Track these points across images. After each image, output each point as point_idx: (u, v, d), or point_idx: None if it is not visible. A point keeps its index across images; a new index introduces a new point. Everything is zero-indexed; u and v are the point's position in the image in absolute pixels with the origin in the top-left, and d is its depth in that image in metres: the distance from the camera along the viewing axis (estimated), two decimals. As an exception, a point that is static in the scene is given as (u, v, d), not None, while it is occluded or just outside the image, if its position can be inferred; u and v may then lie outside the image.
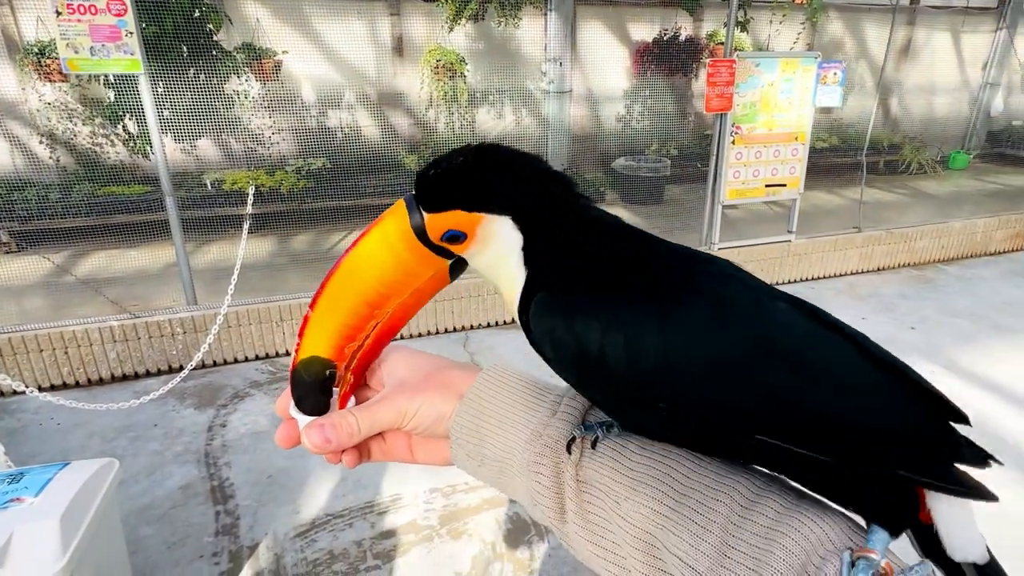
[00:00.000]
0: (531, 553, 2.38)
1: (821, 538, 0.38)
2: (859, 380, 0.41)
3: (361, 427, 0.52)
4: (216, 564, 2.33)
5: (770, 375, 0.40)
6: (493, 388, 0.53)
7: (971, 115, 8.85)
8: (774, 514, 0.40)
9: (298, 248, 5.46)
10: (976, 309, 4.68)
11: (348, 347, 0.53)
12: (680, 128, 7.61)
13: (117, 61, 3.12)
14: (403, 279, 0.51)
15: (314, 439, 0.51)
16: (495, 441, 0.51)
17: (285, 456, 2.93)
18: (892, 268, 5.57)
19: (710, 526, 0.40)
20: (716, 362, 0.40)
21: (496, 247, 0.49)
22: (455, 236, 0.48)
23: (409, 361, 0.57)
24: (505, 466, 0.51)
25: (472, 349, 4.07)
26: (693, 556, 0.40)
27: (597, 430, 0.48)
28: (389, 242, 0.49)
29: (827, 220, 5.85)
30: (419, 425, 0.53)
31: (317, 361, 0.51)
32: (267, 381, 3.65)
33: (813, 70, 4.56)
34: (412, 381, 0.55)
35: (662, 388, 0.41)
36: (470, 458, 0.53)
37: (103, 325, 3.51)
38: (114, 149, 5.67)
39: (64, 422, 3.19)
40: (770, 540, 0.38)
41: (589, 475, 0.47)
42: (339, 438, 0.51)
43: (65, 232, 5.19)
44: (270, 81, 5.82)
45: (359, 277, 0.51)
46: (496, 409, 0.52)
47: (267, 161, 5.90)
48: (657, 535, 0.42)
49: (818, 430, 0.39)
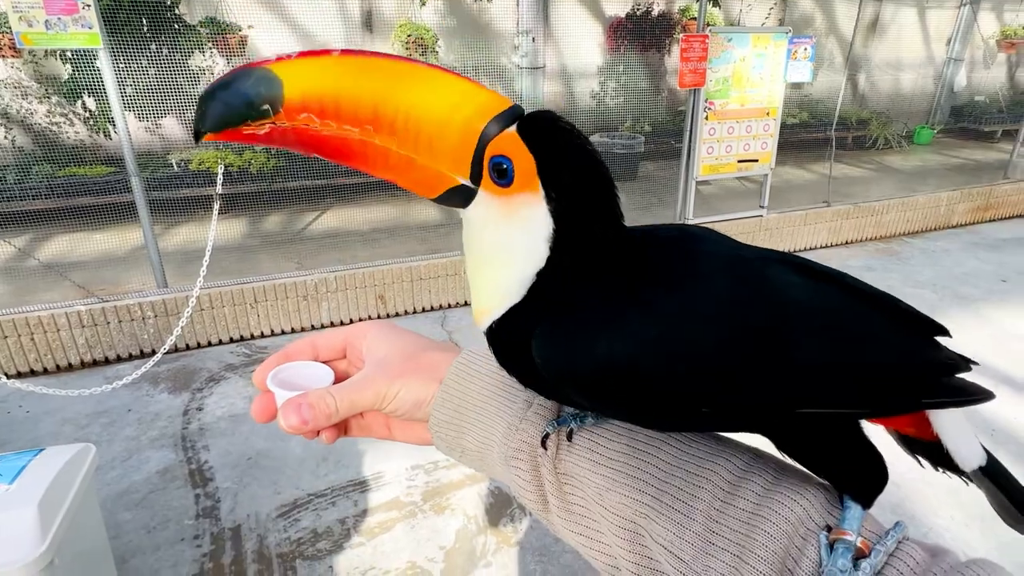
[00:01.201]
0: (514, 526, 2.42)
1: (801, 517, 0.39)
2: (874, 328, 0.42)
3: (339, 408, 0.51)
4: (198, 546, 2.32)
5: (804, 344, 0.40)
6: (468, 378, 0.53)
7: (935, 90, 9.04)
8: (756, 497, 0.40)
9: (269, 229, 5.37)
10: (939, 280, 4.83)
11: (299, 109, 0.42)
12: (654, 104, 7.62)
13: (74, 35, 2.99)
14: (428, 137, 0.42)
15: (291, 420, 0.50)
16: (473, 435, 0.51)
17: (264, 438, 2.92)
18: (860, 241, 5.71)
19: (693, 514, 0.41)
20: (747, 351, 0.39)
21: (517, 223, 0.42)
22: (502, 170, 0.41)
23: (390, 340, 0.56)
24: (485, 457, 0.52)
25: (450, 327, 4.07)
26: (678, 545, 0.40)
27: (571, 422, 0.48)
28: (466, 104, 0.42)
29: (797, 195, 5.95)
30: (398, 409, 0.52)
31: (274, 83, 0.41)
32: (242, 364, 3.60)
33: (784, 45, 4.60)
34: (392, 362, 0.54)
35: (701, 392, 0.39)
36: (451, 449, 0.53)
37: (70, 310, 3.42)
38: (73, 129, 5.47)
39: (33, 409, 3.11)
40: (752, 526, 0.39)
41: (568, 467, 0.47)
42: (316, 419, 0.50)
43: (25, 215, 5.01)
44: (235, 57, 5.65)
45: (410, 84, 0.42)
46: (472, 402, 0.51)
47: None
48: (641, 524, 0.42)
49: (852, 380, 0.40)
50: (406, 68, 0.42)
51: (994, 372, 3.50)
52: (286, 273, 3.98)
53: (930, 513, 2.47)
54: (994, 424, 3.02)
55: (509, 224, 0.42)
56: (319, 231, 5.30)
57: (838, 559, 0.36)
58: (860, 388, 0.40)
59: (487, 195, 0.43)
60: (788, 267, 0.44)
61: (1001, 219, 6.38)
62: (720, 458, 0.43)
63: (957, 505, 2.48)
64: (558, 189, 0.41)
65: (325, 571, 2.22)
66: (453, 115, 0.42)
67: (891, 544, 0.38)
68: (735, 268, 0.43)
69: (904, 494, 2.53)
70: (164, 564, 2.25)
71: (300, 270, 4.10)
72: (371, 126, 0.43)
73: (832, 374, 0.40)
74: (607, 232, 0.42)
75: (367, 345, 0.57)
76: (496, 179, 0.42)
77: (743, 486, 0.41)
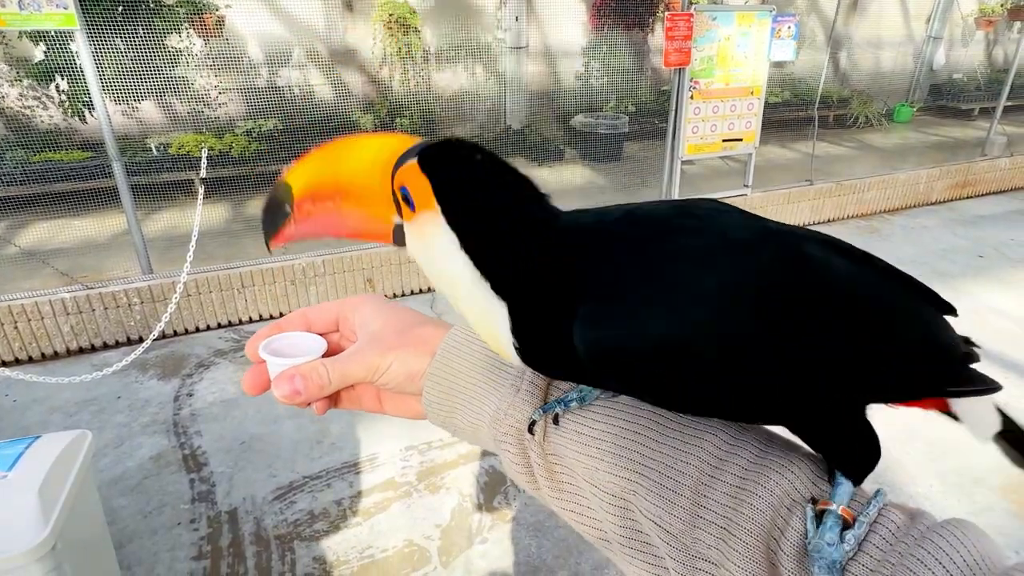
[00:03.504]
0: (508, 503, 2.47)
1: (787, 490, 0.40)
2: (915, 315, 0.44)
3: (332, 379, 0.52)
4: (195, 530, 2.34)
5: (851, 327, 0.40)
6: (458, 356, 0.53)
7: (915, 69, 9.12)
8: (741, 471, 0.41)
9: (253, 213, 5.31)
10: (919, 256, 4.93)
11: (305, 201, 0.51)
12: (638, 84, 7.60)
13: (50, 16, 2.92)
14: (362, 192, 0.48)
15: (284, 390, 0.51)
16: (464, 415, 0.52)
17: (257, 423, 2.92)
18: (842, 219, 5.79)
19: (680, 489, 0.42)
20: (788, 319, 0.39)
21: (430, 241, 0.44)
22: (407, 197, 0.44)
23: (383, 315, 0.57)
24: (477, 434, 0.53)
25: (439, 310, 4.08)
26: (667, 520, 0.41)
27: (557, 407, 0.48)
28: (381, 155, 0.47)
29: (780, 173, 6.01)
30: (390, 381, 0.53)
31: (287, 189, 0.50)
32: (231, 349, 3.59)
33: (768, 24, 4.61)
34: (385, 336, 0.54)
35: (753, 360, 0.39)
36: (445, 425, 0.54)
37: (54, 297, 3.37)
38: (47, 112, 5.34)
39: (21, 398, 3.08)
40: (739, 500, 0.40)
41: (556, 449, 0.48)
42: (309, 390, 0.51)
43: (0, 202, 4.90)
44: (213, 37, 5.53)
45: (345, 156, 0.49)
46: (462, 382, 0.52)
47: (215, 123, 5.66)
48: (630, 500, 0.43)
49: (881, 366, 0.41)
50: (344, 143, 0.49)
51: (971, 345, 3.60)
52: (273, 258, 3.95)
53: (909, 482, 2.56)
54: (971, 395, 3.11)
55: (426, 245, 0.45)
56: (304, 215, 5.25)
57: (826, 532, 0.37)
58: (899, 375, 0.42)
59: (407, 225, 0.46)
60: (826, 246, 0.44)
61: (978, 196, 6.50)
62: (707, 432, 0.43)
63: (936, 474, 2.57)
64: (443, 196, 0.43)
65: (323, 552, 2.25)
66: (375, 167, 0.47)
67: (873, 513, 0.39)
68: (770, 245, 0.41)
69: (884, 464, 2.60)
70: (162, 548, 2.26)
71: (287, 254, 4.07)
72: (337, 197, 0.49)
73: (879, 359, 0.40)
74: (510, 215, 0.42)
75: (360, 318, 0.57)
76: (407, 205, 0.45)
77: (729, 460, 0.42)
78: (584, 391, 0.49)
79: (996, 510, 2.44)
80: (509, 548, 2.27)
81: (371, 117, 6.11)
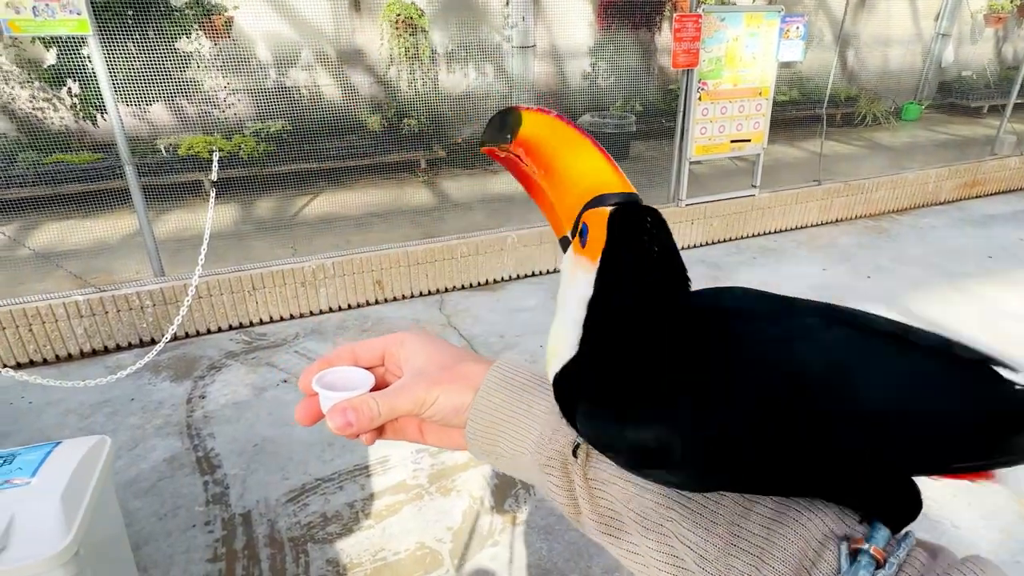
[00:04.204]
0: (519, 506, 2.48)
1: (819, 526, 0.42)
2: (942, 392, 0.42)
3: (382, 412, 0.55)
4: (210, 532, 2.36)
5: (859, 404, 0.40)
6: (502, 388, 0.56)
7: (923, 66, 9.07)
8: (775, 504, 0.44)
9: (262, 215, 5.34)
10: (927, 257, 4.92)
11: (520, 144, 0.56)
12: (645, 83, 7.59)
13: (63, 22, 2.94)
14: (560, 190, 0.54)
15: (337, 422, 0.54)
16: (507, 443, 0.55)
17: (269, 425, 2.95)
18: (849, 219, 5.77)
19: (716, 519, 0.44)
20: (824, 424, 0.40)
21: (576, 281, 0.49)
22: (583, 235, 0.49)
23: (428, 351, 0.60)
24: (518, 461, 0.55)
25: (448, 311, 4.10)
26: (703, 546, 0.44)
27: None
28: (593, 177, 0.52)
29: (788, 173, 6.00)
30: (436, 414, 0.56)
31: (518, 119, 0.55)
32: (243, 351, 3.62)
33: (776, 24, 4.60)
34: (430, 371, 0.57)
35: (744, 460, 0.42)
36: (486, 454, 0.57)
37: (68, 300, 3.41)
38: (58, 115, 5.38)
39: (36, 400, 3.12)
40: (771, 531, 0.42)
41: (598, 474, 0.51)
42: (360, 422, 0.54)
43: (11, 203, 4.95)
44: (222, 39, 5.56)
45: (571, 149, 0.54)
46: (506, 413, 0.55)
47: (223, 125, 5.69)
48: (668, 527, 0.46)
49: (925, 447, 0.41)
50: (577, 138, 0.54)
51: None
52: (283, 260, 3.98)
53: (936, 509, 2.56)
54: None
55: (572, 280, 0.50)
56: (312, 216, 5.29)
57: (859, 570, 0.39)
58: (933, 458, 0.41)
59: (571, 251, 0.52)
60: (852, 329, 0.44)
61: (988, 195, 6.47)
62: None
63: (965, 506, 2.54)
64: (607, 265, 0.48)
65: (336, 554, 2.28)
66: (582, 182, 0.52)
67: (903, 556, 0.40)
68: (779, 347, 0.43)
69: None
70: (177, 550, 2.29)
71: (297, 256, 4.10)
72: (544, 171, 0.55)
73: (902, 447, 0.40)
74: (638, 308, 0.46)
75: (405, 354, 0.60)
76: (578, 238, 0.51)
77: (761, 497, 0.45)
78: None
79: (1006, 512, 2.45)
80: (520, 551, 2.29)
81: (378, 118, 6.12)
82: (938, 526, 2.39)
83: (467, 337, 3.78)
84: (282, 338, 3.76)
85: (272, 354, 3.58)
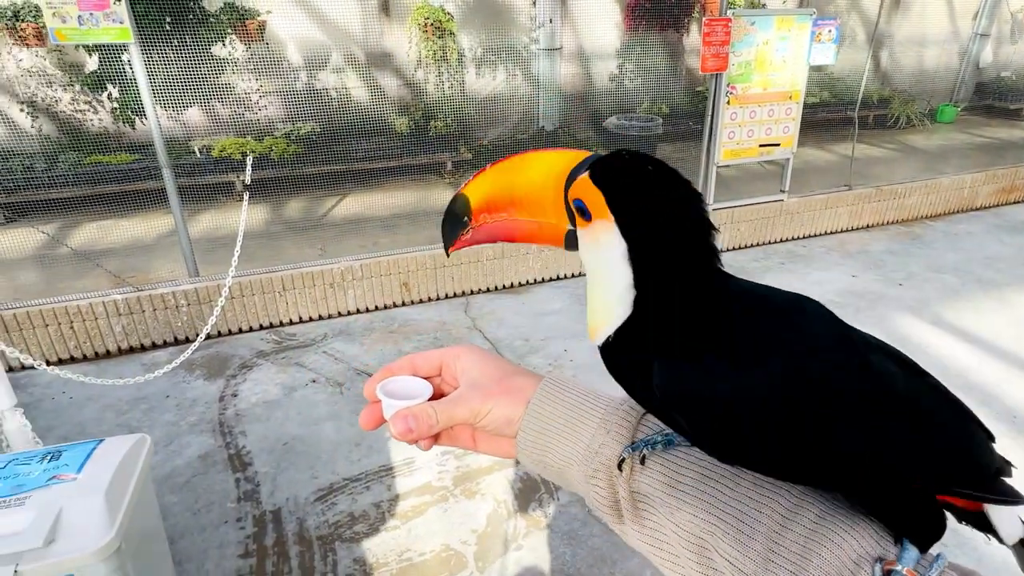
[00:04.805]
0: (543, 510, 2.51)
1: (854, 546, 0.44)
2: (945, 422, 0.48)
3: (440, 420, 0.59)
4: (241, 528, 2.43)
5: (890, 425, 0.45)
6: (551, 402, 0.60)
7: (960, 67, 8.85)
8: (811, 523, 0.46)
9: (291, 216, 5.44)
10: (962, 264, 4.81)
11: (481, 212, 0.59)
12: (671, 86, 7.54)
13: (106, 30, 3.04)
14: (536, 204, 0.56)
15: (399, 428, 0.59)
16: (556, 454, 0.58)
17: (299, 424, 3.02)
18: (881, 225, 5.67)
19: (755, 535, 0.46)
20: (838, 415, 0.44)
21: (605, 249, 0.50)
22: (581, 209, 0.51)
23: (482, 364, 0.63)
24: (565, 473, 0.59)
25: (473, 314, 4.13)
26: (741, 560, 0.46)
27: (644, 448, 0.54)
28: (553, 170, 0.54)
29: (817, 177, 5.91)
30: (489, 424, 0.60)
31: (464, 203, 0.58)
32: (273, 351, 3.70)
33: (808, 28, 4.54)
34: (484, 383, 0.61)
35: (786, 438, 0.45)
36: (535, 464, 0.61)
37: (107, 299, 3.52)
38: (97, 117, 5.55)
39: (77, 396, 3.23)
40: (808, 549, 0.44)
41: (641, 487, 0.54)
42: (420, 429, 0.58)
43: (53, 203, 5.12)
44: (255, 43, 5.68)
45: (519, 171, 0.56)
46: (555, 425, 0.58)
47: (255, 127, 5.81)
48: (708, 540, 0.48)
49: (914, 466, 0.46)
50: (517, 160, 0.56)
51: (1016, 359, 3.51)
52: (313, 261, 4.06)
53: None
54: (1015, 411, 3.04)
55: (597, 250, 0.51)
56: (340, 217, 5.37)
57: None
58: (933, 477, 0.46)
59: (581, 232, 0.53)
60: (889, 357, 0.49)
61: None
62: (777, 490, 0.49)
63: None
64: (621, 212, 0.49)
65: (363, 553, 2.32)
66: (548, 181, 0.54)
67: (936, 571, 0.43)
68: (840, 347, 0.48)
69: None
70: (211, 545, 2.36)
71: (326, 258, 4.17)
72: (511, 207, 0.57)
73: (910, 462, 0.45)
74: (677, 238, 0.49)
75: (461, 366, 0.64)
76: (581, 216, 0.52)
77: (800, 512, 0.47)
78: (669, 435, 0.54)
79: None
80: (544, 555, 2.31)
81: (406, 119, 6.19)
82: (970, 541, 2.34)
83: (492, 340, 3.81)
84: (311, 338, 3.83)
85: (301, 354, 3.65)
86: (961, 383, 3.28)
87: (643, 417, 0.57)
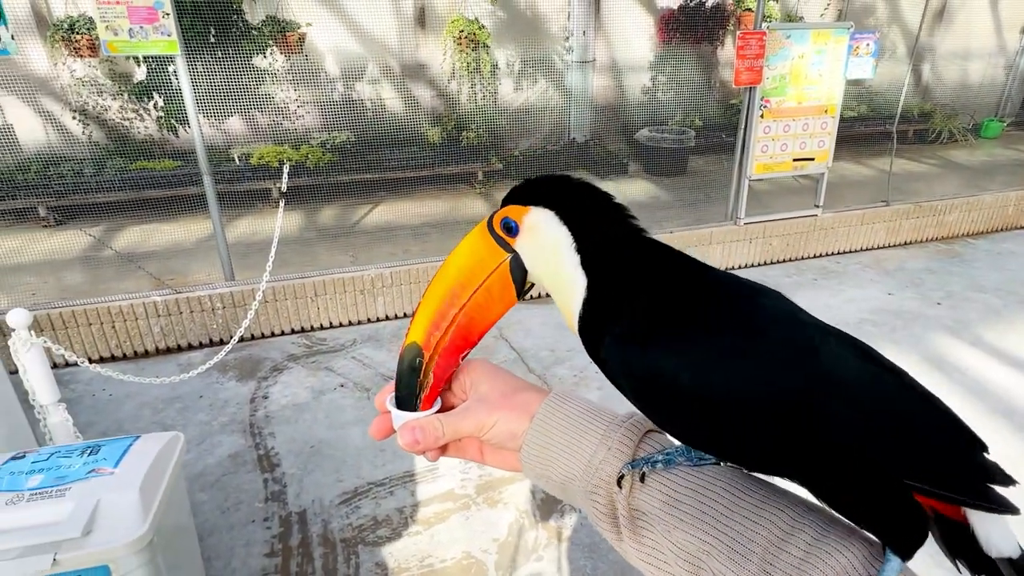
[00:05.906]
0: (563, 521, 2.50)
1: (846, 566, 0.44)
2: (910, 410, 0.46)
3: (446, 432, 0.61)
4: (268, 528, 2.48)
5: (835, 407, 0.45)
6: (555, 417, 0.61)
7: (1006, 81, 8.60)
8: (806, 545, 0.46)
9: (325, 222, 5.55)
10: (1005, 284, 4.65)
11: (433, 336, 0.61)
12: (705, 98, 7.50)
13: (155, 43, 3.17)
14: (474, 267, 0.60)
15: (406, 439, 0.61)
16: (557, 469, 0.59)
17: (326, 428, 3.07)
18: (920, 242, 5.53)
19: (750, 555, 0.47)
20: (787, 399, 0.45)
21: (542, 240, 0.56)
22: (508, 225, 0.57)
23: (490, 378, 0.65)
24: (567, 488, 0.60)
25: (500, 323, 4.14)
26: None
27: (643, 466, 0.55)
28: (472, 237, 0.60)
29: (854, 192, 5.80)
30: (494, 437, 0.61)
31: (414, 347, 0.61)
32: (304, 355, 3.78)
33: (845, 41, 4.48)
34: (491, 397, 0.63)
35: (733, 419, 0.46)
36: (538, 477, 0.62)
37: (147, 300, 3.65)
38: (143, 124, 5.76)
39: (116, 393, 3.35)
40: (802, 571, 0.45)
41: (640, 504, 0.55)
42: (426, 440, 0.61)
43: (99, 207, 5.33)
44: (294, 54, 5.84)
45: (447, 268, 0.61)
46: (557, 440, 0.60)
47: (292, 135, 5.96)
48: (703, 560, 0.49)
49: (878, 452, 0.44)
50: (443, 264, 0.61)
51: (1061, 383, 3.38)
52: (344, 268, 4.14)
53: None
54: (1060, 438, 2.93)
55: (541, 251, 0.58)
56: (372, 225, 5.46)
57: None
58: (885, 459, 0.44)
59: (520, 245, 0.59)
60: (847, 347, 0.48)
61: (1075, 219, 6.07)
62: (775, 508, 0.49)
63: None
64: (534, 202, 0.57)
65: (385, 558, 2.35)
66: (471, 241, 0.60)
67: None
68: (791, 328, 0.49)
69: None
70: (238, 543, 2.41)
71: (357, 264, 4.25)
72: (454, 308, 0.60)
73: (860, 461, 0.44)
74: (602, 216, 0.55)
75: (470, 380, 0.65)
76: (511, 234, 0.58)
77: (795, 535, 0.47)
78: (670, 454, 0.55)
79: None
80: (564, 567, 2.31)
81: (439, 130, 6.28)
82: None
83: (518, 350, 3.82)
84: (340, 344, 3.90)
85: (330, 359, 3.72)
86: (1002, 408, 3.17)
87: (645, 435, 0.58)
